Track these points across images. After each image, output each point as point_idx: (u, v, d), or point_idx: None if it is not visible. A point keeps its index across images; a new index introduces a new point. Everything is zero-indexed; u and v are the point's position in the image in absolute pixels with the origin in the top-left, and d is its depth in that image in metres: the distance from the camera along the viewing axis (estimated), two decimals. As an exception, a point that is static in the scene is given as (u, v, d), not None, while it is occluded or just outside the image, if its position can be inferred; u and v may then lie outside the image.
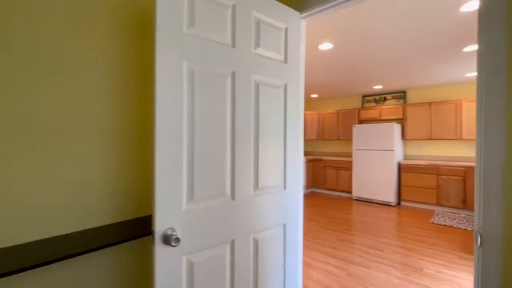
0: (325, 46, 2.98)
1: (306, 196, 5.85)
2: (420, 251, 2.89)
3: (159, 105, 0.90)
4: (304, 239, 3.26)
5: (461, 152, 4.88)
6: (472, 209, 4.27)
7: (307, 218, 4.12)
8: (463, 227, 3.68)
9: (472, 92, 4.77)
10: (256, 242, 1.22)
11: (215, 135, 1.06)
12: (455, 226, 3.73)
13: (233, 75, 1.12)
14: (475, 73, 4.15)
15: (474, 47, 2.97)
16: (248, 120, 1.17)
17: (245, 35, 1.15)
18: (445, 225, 3.80)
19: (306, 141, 7.27)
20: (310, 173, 6.21)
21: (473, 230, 3.56)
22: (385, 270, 2.46)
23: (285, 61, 1.34)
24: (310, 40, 2.85)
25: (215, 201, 1.06)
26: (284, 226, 1.35)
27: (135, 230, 1.02)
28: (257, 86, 1.21)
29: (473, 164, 4.30)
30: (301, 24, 1.47)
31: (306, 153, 7.27)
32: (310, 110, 7.23)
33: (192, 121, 0.99)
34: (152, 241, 0.91)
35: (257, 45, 1.21)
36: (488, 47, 0.94)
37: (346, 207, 4.84)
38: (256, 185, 1.21)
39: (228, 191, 1.11)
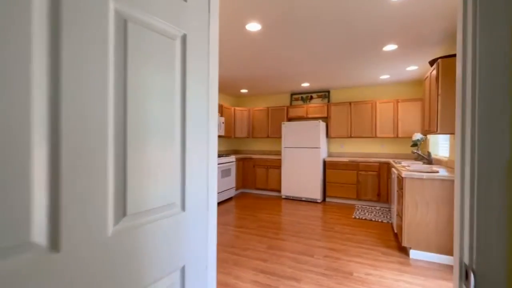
0: (253, 26, 2.57)
1: (235, 197, 5.44)
2: (348, 251, 2.81)
3: None
4: (232, 251, 2.80)
5: (375, 149, 5.32)
6: (385, 202, 4.65)
7: (236, 225, 3.68)
8: (379, 220, 3.89)
9: (384, 94, 5.24)
10: (121, 319, 0.64)
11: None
12: (373, 219, 3.92)
13: (54, -17, 0.51)
14: (387, 76, 4.51)
15: (392, 46, 3.07)
16: (101, 93, 0.58)
17: None
18: (365, 219, 3.97)
19: (236, 139, 6.88)
20: (240, 173, 5.84)
21: (388, 222, 3.80)
22: (317, 281, 2.21)
23: (184, -4, 0.81)
24: (236, 19, 2.39)
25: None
26: (183, 270, 0.82)
27: None
28: (122, 23, 0.63)
29: (385, 159, 4.69)
30: (213, -47, 0.96)
31: (235, 152, 6.88)
32: (240, 106, 6.87)
33: None
34: None
35: None
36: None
37: (276, 207, 4.64)
38: (122, 211, 0.64)
39: (38, 235, 0.50)
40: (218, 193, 4.82)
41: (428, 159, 3.86)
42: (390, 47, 3.08)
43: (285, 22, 2.48)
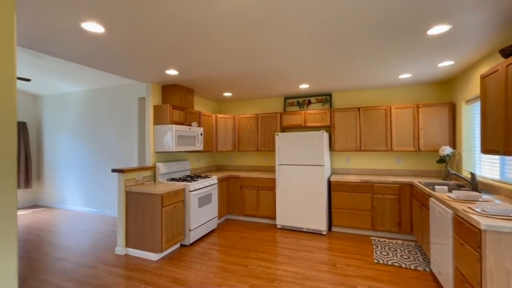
0: (239, -18, 1.50)
1: (219, 229, 4.29)
2: None
3: None
4: None
5: (389, 165, 4.37)
6: (407, 233, 3.67)
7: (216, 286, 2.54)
8: (412, 266, 2.89)
9: (400, 97, 4.31)
10: None
11: None
12: (404, 265, 2.91)
13: None
14: (409, 75, 3.57)
15: (442, 28, 2.09)
16: None
17: None
18: (392, 264, 2.95)
19: (218, 152, 5.75)
20: (224, 195, 4.71)
21: (425, 270, 2.80)
22: None
23: None
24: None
25: None
26: None
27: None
28: None
29: (406, 180, 3.73)
30: None
31: (218, 168, 5.74)
32: (223, 113, 5.76)
33: None
34: None
35: None
36: None
37: (271, 246, 3.54)
38: None
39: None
40: (194, 229, 3.65)
41: (471, 183, 2.92)
42: (439, 29, 2.11)
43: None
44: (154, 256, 3.15)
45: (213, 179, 4.21)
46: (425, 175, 4.14)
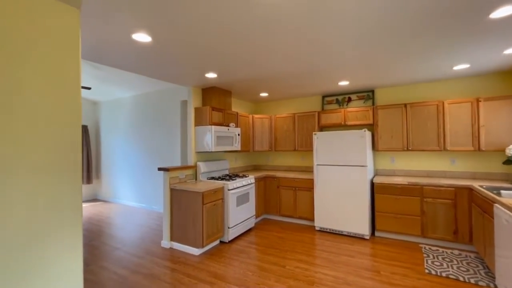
0: (276, -19, 1.50)
1: (256, 228, 4.34)
2: None
3: None
4: None
5: (442, 166, 3.96)
6: (465, 243, 3.28)
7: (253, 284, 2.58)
8: (473, 280, 2.57)
9: (455, 91, 3.87)
10: None
11: None
12: (461, 278, 2.61)
13: None
14: (466, 65, 3.18)
15: (509, 8, 1.83)
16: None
17: None
18: (447, 276, 2.66)
19: (255, 152, 5.81)
20: (261, 195, 4.74)
21: (489, 286, 2.47)
22: None
23: None
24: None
25: None
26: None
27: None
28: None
29: (463, 183, 3.33)
30: None
31: (255, 168, 5.80)
32: (260, 113, 5.81)
33: None
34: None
35: None
36: None
37: (309, 249, 3.46)
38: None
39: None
40: (232, 227, 3.75)
41: (548, 188, 2.49)
42: (505, 11, 1.84)
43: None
44: (195, 251, 3.32)
45: (251, 178, 4.27)
46: (487, 178, 3.65)
